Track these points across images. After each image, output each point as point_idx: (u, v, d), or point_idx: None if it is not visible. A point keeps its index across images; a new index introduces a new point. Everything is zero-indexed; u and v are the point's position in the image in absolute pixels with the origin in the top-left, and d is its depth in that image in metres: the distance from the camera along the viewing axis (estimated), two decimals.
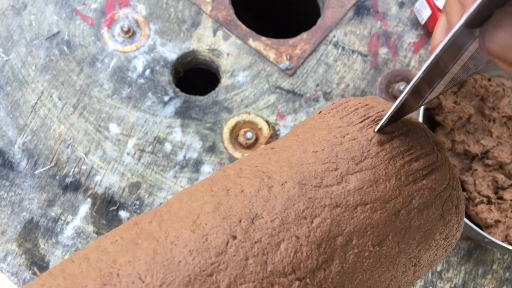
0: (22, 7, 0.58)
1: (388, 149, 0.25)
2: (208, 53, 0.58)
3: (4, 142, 0.53)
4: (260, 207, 0.24)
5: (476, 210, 0.49)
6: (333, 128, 0.27)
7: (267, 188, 0.24)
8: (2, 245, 0.50)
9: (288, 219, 0.23)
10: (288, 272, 0.22)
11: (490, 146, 0.52)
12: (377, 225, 0.24)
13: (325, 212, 0.24)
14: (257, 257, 0.22)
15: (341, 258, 0.23)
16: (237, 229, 0.23)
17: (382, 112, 0.27)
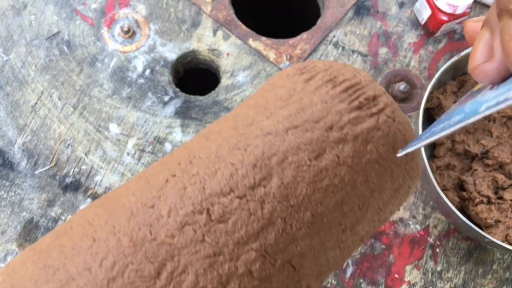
0: (22, 7, 0.58)
1: (312, 83, 0.28)
2: (208, 53, 0.58)
3: (4, 142, 0.53)
4: (197, 150, 0.26)
5: (476, 210, 0.49)
6: (267, 84, 0.30)
7: (205, 138, 0.27)
8: (2, 245, 0.50)
9: (223, 152, 0.25)
10: (226, 192, 0.24)
11: (490, 146, 0.52)
12: (309, 142, 0.26)
13: (257, 140, 0.26)
14: (195, 185, 0.24)
15: (279, 174, 0.25)
16: (176, 169, 0.25)
17: (309, 63, 0.30)
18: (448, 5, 0.55)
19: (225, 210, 0.24)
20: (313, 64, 0.29)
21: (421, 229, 0.53)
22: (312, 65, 0.29)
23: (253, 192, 0.24)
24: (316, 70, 0.29)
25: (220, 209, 0.24)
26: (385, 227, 0.52)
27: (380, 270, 0.51)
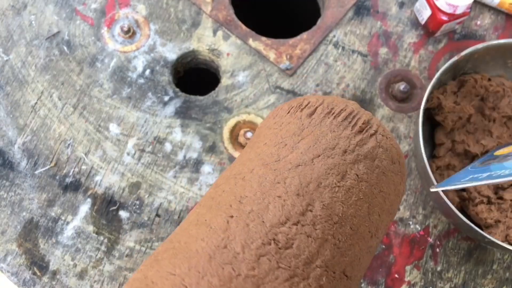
0: (22, 7, 0.58)
1: (315, 117, 0.33)
2: (208, 53, 0.58)
3: (4, 142, 0.53)
4: (241, 190, 0.29)
5: (476, 210, 0.49)
6: (271, 124, 0.34)
7: (241, 179, 0.30)
8: (2, 245, 0.50)
9: (266, 188, 0.29)
10: (283, 221, 0.27)
11: (490, 146, 0.51)
12: (333, 166, 0.30)
13: (291, 172, 0.29)
14: (255, 221, 0.27)
15: (319, 198, 0.29)
16: (231, 211, 0.28)
17: (302, 100, 0.34)
18: (448, 5, 0.55)
19: (287, 237, 0.27)
20: (307, 100, 0.34)
21: (421, 229, 0.53)
22: (307, 101, 0.34)
23: (304, 217, 0.28)
24: (313, 105, 0.34)
25: (284, 237, 0.27)
26: None
27: (380, 270, 0.51)
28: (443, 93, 0.53)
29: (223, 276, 0.25)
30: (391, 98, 0.57)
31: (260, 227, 0.27)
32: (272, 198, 0.28)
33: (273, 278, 0.25)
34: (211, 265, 0.25)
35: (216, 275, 0.25)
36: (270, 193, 0.29)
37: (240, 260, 0.25)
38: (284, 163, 0.30)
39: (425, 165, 0.46)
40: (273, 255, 0.26)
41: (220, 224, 0.27)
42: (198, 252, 0.26)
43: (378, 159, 0.32)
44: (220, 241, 0.26)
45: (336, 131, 0.32)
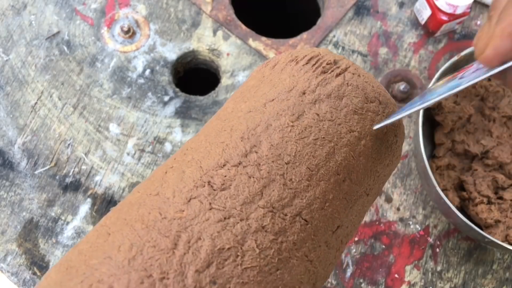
0: (22, 7, 0.58)
1: (277, 67, 0.31)
2: (208, 53, 0.58)
3: (4, 142, 0.53)
4: (189, 144, 0.29)
5: (476, 210, 0.49)
6: (239, 88, 0.33)
7: (196, 135, 0.30)
8: (2, 245, 0.50)
9: (211, 137, 0.28)
10: (221, 164, 0.26)
11: (490, 146, 0.52)
12: (287, 108, 0.28)
13: (240, 119, 0.28)
14: (192, 167, 0.27)
15: (267, 139, 0.27)
16: (173, 162, 0.28)
17: (273, 57, 0.33)
18: (448, 5, 0.55)
19: (224, 179, 0.26)
20: (276, 56, 0.33)
21: (421, 229, 0.53)
22: (275, 57, 0.33)
23: (246, 158, 0.27)
24: (278, 58, 0.32)
25: (220, 178, 0.26)
26: (385, 227, 0.52)
27: (380, 270, 0.51)
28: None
29: (147, 220, 0.24)
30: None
31: (196, 172, 0.26)
32: (214, 145, 0.27)
33: (202, 219, 0.24)
34: (138, 212, 0.25)
35: (140, 219, 0.24)
36: (213, 141, 0.28)
37: (169, 204, 0.25)
38: (235, 113, 0.29)
39: (425, 165, 0.46)
40: (205, 197, 0.25)
41: (158, 176, 0.27)
42: (130, 203, 0.26)
43: (347, 97, 0.29)
44: (153, 190, 0.26)
45: (295, 76, 0.30)
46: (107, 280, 0.22)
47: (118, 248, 0.23)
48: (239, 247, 0.24)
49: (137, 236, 0.23)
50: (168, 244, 0.23)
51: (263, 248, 0.24)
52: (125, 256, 0.23)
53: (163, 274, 0.22)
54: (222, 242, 0.24)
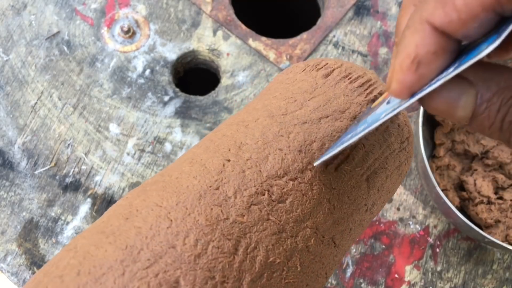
0: (22, 7, 0.58)
1: (331, 78, 0.32)
2: (208, 53, 0.58)
3: (4, 142, 0.53)
4: (243, 137, 0.28)
5: (476, 210, 0.49)
6: (283, 79, 0.33)
7: (244, 126, 0.29)
8: (2, 245, 0.50)
9: (268, 139, 0.28)
10: (280, 175, 0.27)
11: (490, 146, 0.52)
12: (340, 130, 0.29)
13: (296, 128, 0.29)
14: (252, 168, 0.27)
15: (327, 161, 0.28)
16: (228, 154, 0.27)
17: (320, 61, 0.33)
18: None
19: (282, 191, 0.26)
20: (325, 61, 0.33)
21: (421, 229, 0.53)
22: (325, 62, 0.33)
23: (302, 175, 0.27)
24: (331, 67, 0.32)
25: (279, 190, 0.26)
26: (385, 227, 0.52)
27: (380, 270, 0.51)
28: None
29: (211, 217, 0.24)
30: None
31: (256, 176, 0.26)
32: (273, 150, 0.27)
33: (261, 229, 0.25)
34: (199, 203, 0.25)
35: (203, 213, 0.24)
36: (272, 145, 0.28)
37: (231, 204, 0.25)
38: (290, 118, 0.29)
39: (425, 165, 0.46)
40: (264, 206, 0.25)
41: (216, 166, 0.27)
42: (188, 188, 0.26)
43: (387, 133, 0.31)
44: (213, 182, 0.26)
45: (349, 96, 0.31)
46: (173, 273, 0.22)
47: (183, 241, 0.23)
48: (286, 262, 0.25)
49: (201, 232, 0.23)
50: (230, 248, 0.23)
51: (304, 266, 0.26)
52: (191, 252, 0.23)
53: (224, 278, 0.23)
54: (274, 256, 0.25)
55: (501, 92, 0.18)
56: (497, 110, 0.18)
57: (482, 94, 0.19)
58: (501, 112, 0.18)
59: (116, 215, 0.25)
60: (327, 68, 0.32)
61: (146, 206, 0.25)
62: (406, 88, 0.19)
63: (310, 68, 0.33)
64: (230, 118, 0.32)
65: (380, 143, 0.30)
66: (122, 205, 0.26)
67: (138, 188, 0.28)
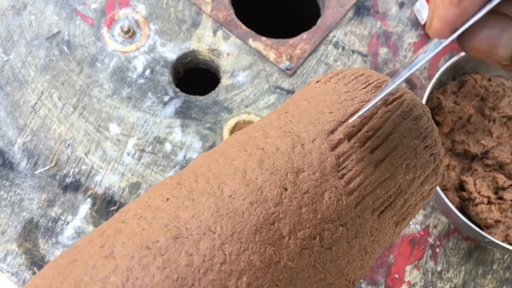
0: (22, 7, 0.58)
1: (390, 108, 0.29)
2: (208, 53, 0.58)
3: (4, 142, 0.53)
4: (300, 162, 0.26)
5: (476, 210, 0.49)
6: (341, 93, 0.30)
7: (300, 145, 0.27)
8: (2, 245, 0.50)
9: (326, 171, 0.26)
10: (333, 218, 0.25)
11: (490, 146, 0.52)
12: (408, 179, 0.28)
13: (357, 166, 0.26)
14: (308, 206, 0.25)
15: (370, 210, 0.26)
16: (286, 182, 0.25)
17: (379, 80, 0.30)
18: None
19: (332, 237, 0.25)
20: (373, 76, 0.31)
21: (421, 229, 0.53)
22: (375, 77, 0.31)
23: (353, 222, 0.25)
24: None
25: (329, 235, 0.25)
26: None
27: (380, 270, 0.51)
28: (443, 93, 0.53)
29: (264, 257, 0.22)
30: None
31: (312, 216, 0.24)
32: (329, 186, 0.25)
33: (305, 276, 0.23)
34: (255, 239, 0.23)
35: (258, 253, 0.22)
36: (329, 179, 0.25)
37: (284, 245, 0.23)
38: (349, 148, 0.27)
39: None
40: (313, 252, 0.24)
41: (273, 194, 0.24)
42: (244, 216, 0.23)
43: (425, 181, 0.30)
44: (270, 215, 0.24)
45: (398, 123, 0.29)
46: None
47: (236, 283, 0.22)
48: None
49: (254, 275, 0.22)
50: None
51: None
52: None
53: None
54: None
55: None
56: None
57: None
58: None
59: (161, 227, 0.23)
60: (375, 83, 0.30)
61: (198, 227, 0.23)
62: (448, 24, 0.19)
63: (372, 87, 0.30)
64: (276, 113, 0.29)
65: (416, 191, 0.29)
66: (165, 210, 0.23)
67: (173, 183, 0.25)
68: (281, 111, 0.30)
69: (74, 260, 0.22)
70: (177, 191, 0.25)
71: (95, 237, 0.23)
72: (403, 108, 0.29)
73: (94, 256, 0.22)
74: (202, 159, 0.27)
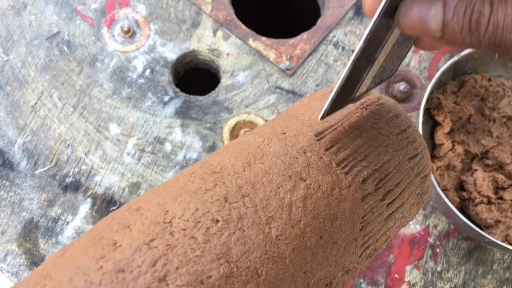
0: (22, 7, 0.58)
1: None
2: (208, 53, 0.58)
3: (4, 142, 0.53)
4: (336, 209, 0.26)
5: (476, 210, 0.49)
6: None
7: (338, 188, 0.27)
8: (2, 245, 0.50)
9: (354, 223, 0.27)
10: (348, 268, 0.27)
11: (490, 146, 0.52)
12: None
13: (378, 224, 0.28)
14: (334, 256, 0.25)
15: None
16: (323, 231, 0.25)
17: None
18: None
19: (341, 285, 0.27)
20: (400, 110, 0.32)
21: (421, 229, 0.53)
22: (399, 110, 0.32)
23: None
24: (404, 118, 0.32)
25: (340, 283, 0.27)
26: None
27: (380, 270, 0.51)
28: (443, 93, 0.53)
29: None
30: (391, 98, 0.57)
31: (334, 265, 0.26)
32: (352, 239, 0.26)
33: None
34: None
35: None
36: (354, 231, 0.27)
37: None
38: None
39: None
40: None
41: (312, 243, 0.25)
42: (285, 263, 0.23)
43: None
44: (305, 264, 0.24)
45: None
46: None
47: None
48: None
49: None
50: None
51: None
52: None
53: None
54: None
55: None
56: (464, 12, 0.20)
57: (448, 2, 0.20)
58: (467, 13, 0.20)
59: (213, 258, 0.22)
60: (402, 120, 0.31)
61: (247, 268, 0.22)
62: (377, 2, 0.21)
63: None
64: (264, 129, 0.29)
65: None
66: (216, 236, 0.23)
67: (228, 204, 0.24)
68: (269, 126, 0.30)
69: (121, 271, 0.20)
70: (226, 212, 0.24)
71: (141, 245, 0.22)
72: None
73: (146, 276, 0.20)
74: (242, 166, 0.26)
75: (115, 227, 0.23)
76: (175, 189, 0.25)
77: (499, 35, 0.19)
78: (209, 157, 0.28)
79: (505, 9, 0.19)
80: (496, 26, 0.19)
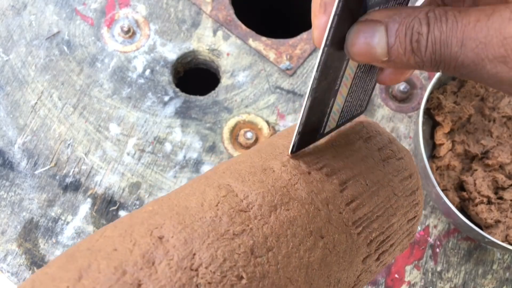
0: (22, 7, 0.58)
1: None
2: (208, 53, 0.58)
3: (4, 142, 0.53)
4: (341, 274, 0.28)
5: (476, 210, 0.49)
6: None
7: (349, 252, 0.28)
8: (2, 245, 0.50)
9: None
10: None
11: (490, 146, 0.52)
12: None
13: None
14: None
15: None
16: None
17: None
18: None
19: None
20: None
21: (421, 229, 0.53)
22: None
23: None
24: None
25: None
26: None
27: None
28: (443, 93, 0.53)
29: None
30: (391, 98, 0.57)
31: None
32: None
33: None
34: None
35: None
36: None
37: None
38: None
39: (425, 165, 0.46)
40: None
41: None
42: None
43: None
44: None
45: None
46: None
47: None
48: None
49: None
50: None
51: None
52: None
53: None
54: None
55: (404, 21, 0.21)
56: (404, 34, 0.21)
57: (390, 27, 0.21)
58: (407, 35, 0.21)
59: None
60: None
61: None
62: (323, 31, 0.22)
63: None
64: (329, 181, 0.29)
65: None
66: None
67: (254, 258, 0.24)
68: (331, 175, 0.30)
69: None
70: (251, 269, 0.23)
71: None
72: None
73: None
74: (269, 210, 0.26)
75: (140, 260, 0.22)
76: (201, 223, 0.24)
77: (438, 51, 0.20)
78: (231, 176, 0.27)
79: (440, 27, 0.20)
80: (434, 43, 0.20)
